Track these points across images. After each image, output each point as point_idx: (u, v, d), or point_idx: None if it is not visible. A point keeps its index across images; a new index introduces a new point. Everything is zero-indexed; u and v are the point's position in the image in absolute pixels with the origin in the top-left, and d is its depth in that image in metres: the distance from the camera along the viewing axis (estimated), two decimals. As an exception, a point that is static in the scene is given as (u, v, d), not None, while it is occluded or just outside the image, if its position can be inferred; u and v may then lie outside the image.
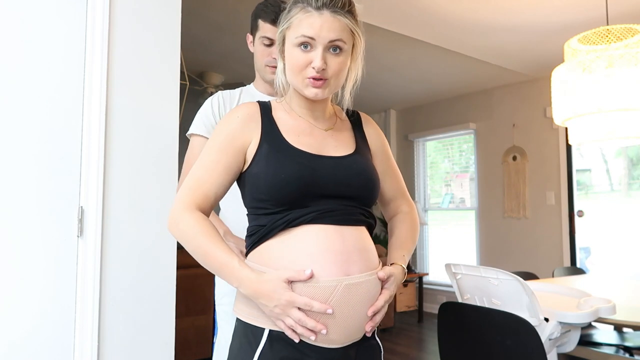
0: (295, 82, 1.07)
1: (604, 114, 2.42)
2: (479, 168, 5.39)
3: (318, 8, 1.02)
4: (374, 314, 1.03)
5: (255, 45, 1.53)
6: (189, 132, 1.54)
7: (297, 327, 0.95)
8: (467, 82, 5.11)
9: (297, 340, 0.97)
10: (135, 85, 1.87)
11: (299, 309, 0.95)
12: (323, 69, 1.02)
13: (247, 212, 1.10)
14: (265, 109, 1.12)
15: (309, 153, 1.05)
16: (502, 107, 5.20)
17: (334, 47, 1.03)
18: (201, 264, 1.05)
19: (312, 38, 1.02)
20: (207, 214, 1.07)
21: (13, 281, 1.60)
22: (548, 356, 1.70)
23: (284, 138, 1.07)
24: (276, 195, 1.00)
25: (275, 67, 1.47)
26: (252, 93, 1.56)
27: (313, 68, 1.02)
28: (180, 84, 1.97)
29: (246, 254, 1.08)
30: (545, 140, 4.79)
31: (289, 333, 0.97)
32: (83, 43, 1.77)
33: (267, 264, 1.00)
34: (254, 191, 1.04)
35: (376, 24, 3.42)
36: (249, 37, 1.59)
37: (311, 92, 1.05)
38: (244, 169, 1.08)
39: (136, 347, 1.81)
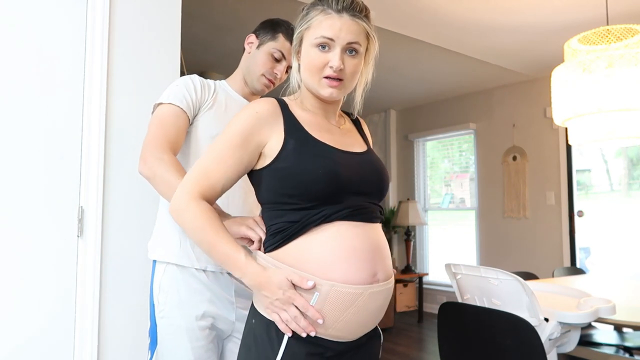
0: (311, 82, 1.10)
1: (604, 114, 2.42)
2: (479, 168, 5.39)
3: (338, 11, 1.06)
4: None
5: (261, 52, 1.48)
6: (165, 100, 1.37)
7: (291, 322, 0.99)
8: (467, 82, 5.11)
9: (289, 334, 1.00)
10: (135, 85, 1.87)
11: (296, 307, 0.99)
12: (340, 69, 1.06)
13: (264, 208, 1.11)
14: (283, 105, 1.13)
15: (337, 149, 1.08)
16: (502, 107, 5.20)
17: (350, 49, 1.07)
18: (204, 252, 1.09)
19: (331, 39, 1.06)
20: (211, 205, 1.09)
21: (13, 281, 1.60)
22: (548, 356, 1.70)
23: (310, 134, 1.08)
24: (310, 189, 1.02)
25: (271, 80, 1.49)
26: (227, 90, 1.51)
27: (331, 67, 1.06)
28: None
29: (272, 250, 1.06)
30: (545, 140, 4.79)
31: (282, 327, 1.00)
32: (83, 43, 1.77)
33: (301, 265, 1.01)
34: (280, 186, 1.05)
35: (376, 24, 3.41)
36: (252, 38, 1.52)
37: (327, 91, 1.08)
38: (264, 165, 1.08)
39: (136, 347, 1.81)
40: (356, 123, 1.25)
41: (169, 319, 1.34)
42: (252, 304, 1.10)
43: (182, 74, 2.02)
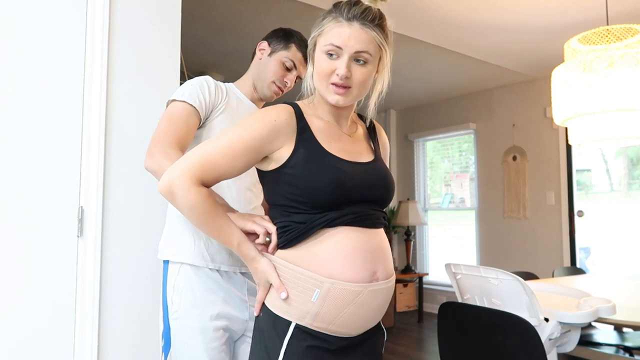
0: (320, 88, 1.12)
1: (604, 114, 2.42)
2: (479, 168, 5.39)
3: (349, 19, 1.08)
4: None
5: (272, 60, 1.51)
6: (179, 97, 1.38)
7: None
8: (467, 82, 5.11)
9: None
10: (135, 85, 1.87)
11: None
12: (347, 77, 1.08)
13: (271, 207, 1.15)
14: (298, 112, 1.14)
15: (344, 160, 1.11)
16: (502, 107, 5.20)
17: (359, 58, 1.08)
18: (204, 233, 1.17)
19: (339, 47, 1.07)
20: None
21: (13, 281, 1.60)
22: (548, 356, 1.70)
23: (319, 144, 1.10)
24: (316, 198, 1.05)
25: (280, 88, 1.53)
26: (237, 94, 1.53)
27: (337, 75, 1.08)
28: (180, 84, 1.97)
29: (281, 247, 1.11)
30: (545, 140, 4.79)
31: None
32: (83, 43, 1.77)
33: (303, 263, 1.06)
34: (289, 191, 1.08)
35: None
36: (264, 45, 1.53)
37: (333, 98, 1.10)
38: (273, 168, 1.11)
39: (136, 347, 1.81)
40: (371, 129, 1.28)
41: (184, 320, 1.33)
42: None
43: (182, 74, 2.02)
